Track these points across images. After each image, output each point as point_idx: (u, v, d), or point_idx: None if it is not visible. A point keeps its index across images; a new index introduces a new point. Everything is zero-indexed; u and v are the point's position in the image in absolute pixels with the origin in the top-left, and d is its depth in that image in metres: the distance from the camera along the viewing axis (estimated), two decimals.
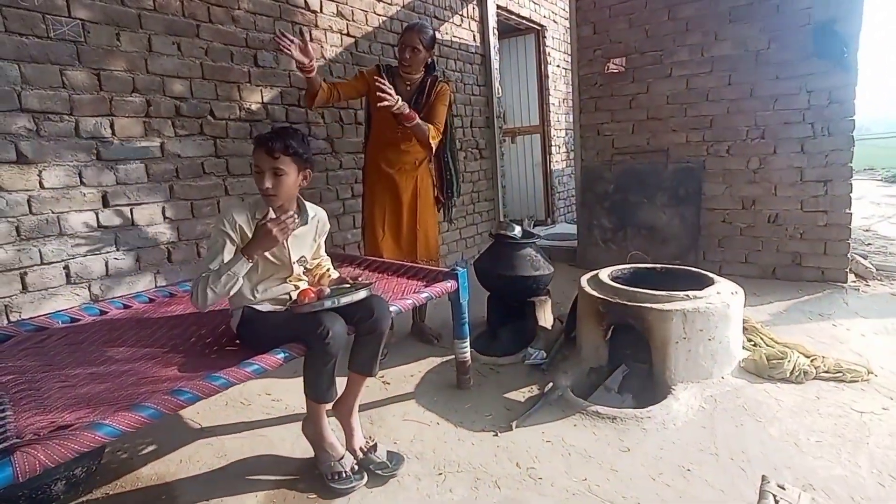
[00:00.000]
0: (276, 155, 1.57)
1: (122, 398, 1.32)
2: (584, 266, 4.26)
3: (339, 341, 1.56)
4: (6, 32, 1.77)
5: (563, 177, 6.03)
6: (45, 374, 1.48)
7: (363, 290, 1.67)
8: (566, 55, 5.95)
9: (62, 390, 1.37)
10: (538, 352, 2.56)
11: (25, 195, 1.86)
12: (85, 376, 1.47)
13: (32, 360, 1.58)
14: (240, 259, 1.55)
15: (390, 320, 1.76)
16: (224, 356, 1.66)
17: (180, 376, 1.45)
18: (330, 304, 1.61)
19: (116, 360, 1.59)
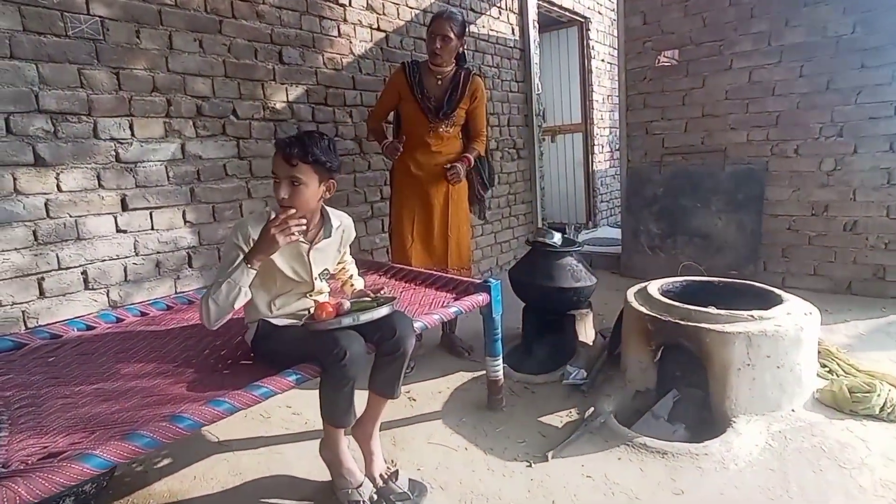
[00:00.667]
0: (293, 162, 1.45)
1: (122, 420, 1.25)
2: (628, 274, 4.05)
3: (357, 363, 1.45)
4: (24, 31, 1.75)
5: (606, 178, 5.79)
6: (49, 389, 1.43)
7: (385, 307, 1.56)
8: (612, 49, 5.71)
9: (63, 408, 1.32)
10: (578, 370, 2.39)
11: (43, 198, 1.84)
12: (89, 393, 1.41)
13: (41, 372, 1.54)
14: (241, 267, 1.44)
15: (414, 339, 1.64)
16: (236, 373, 1.58)
17: (186, 396, 1.38)
18: (348, 321, 1.51)
19: (124, 375, 1.54)
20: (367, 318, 1.52)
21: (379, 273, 2.46)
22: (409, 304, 2.07)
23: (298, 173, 1.47)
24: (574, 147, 5.55)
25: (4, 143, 1.74)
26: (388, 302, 1.60)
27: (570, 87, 5.46)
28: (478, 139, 2.67)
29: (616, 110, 5.82)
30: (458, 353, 2.74)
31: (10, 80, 1.73)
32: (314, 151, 1.47)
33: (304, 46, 2.63)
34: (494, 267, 4.11)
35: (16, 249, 1.78)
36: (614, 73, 5.76)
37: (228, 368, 1.63)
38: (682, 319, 1.94)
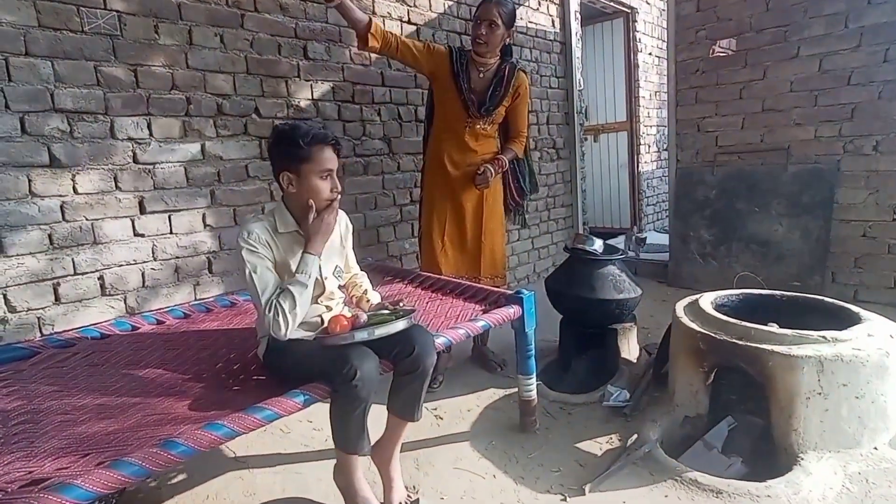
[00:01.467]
0: (340, 154, 1.52)
1: (117, 442, 1.18)
2: (676, 284, 3.81)
3: (369, 383, 1.35)
4: (39, 27, 1.73)
5: (652, 179, 5.52)
6: (52, 403, 1.39)
7: (402, 320, 1.45)
8: (661, 41, 5.44)
9: (61, 426, 1.26)
10: (620, 391, 2.22)
11: (59, 201, 1.81)
12: (91, 408, 1.36)
13: (47, 383, 1.50)
14: (305, 260, 1.45)
15: (435, 356, 1.52)
16: (246, 390, 1.51)
17: (187, 417, 1.30)
18: (362, 336, 1.40)
19: (130, 389, 1.48)
20: (382, 332, 1.41)
21: (404, 281, 2.35)
22: (434, 317, 1.95)
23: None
24: (618, 147, 5.31)
25: (19, 144, 1.72)
26: (407, 315, 1.49)
27: (615, 83, 5.23)
28: (517, 139, 2.53)
29: (664, 107, 5.55)
30: (490, 367, 2.60)
31: (25, 78, 1.71)
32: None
33: (331, 41, 2.55)
34: (531, 274, 3.95)
35: (31, 254, 1.76)
36: (663, 67, 5.49)
37: (239, 384, 1.56)
38: (740, 339, 1.74)
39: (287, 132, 1.45)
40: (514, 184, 2.72)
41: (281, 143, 1.45)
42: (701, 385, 1.89)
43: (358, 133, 2.71)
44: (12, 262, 1.72)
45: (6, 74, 1.68)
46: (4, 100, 1.68)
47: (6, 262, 1.71)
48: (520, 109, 2.50)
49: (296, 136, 1.42)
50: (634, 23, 5.01)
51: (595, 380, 2.39)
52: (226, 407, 1.35)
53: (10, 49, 1.68)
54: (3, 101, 1.68)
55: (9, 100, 1.69)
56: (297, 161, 1.44)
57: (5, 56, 1.67)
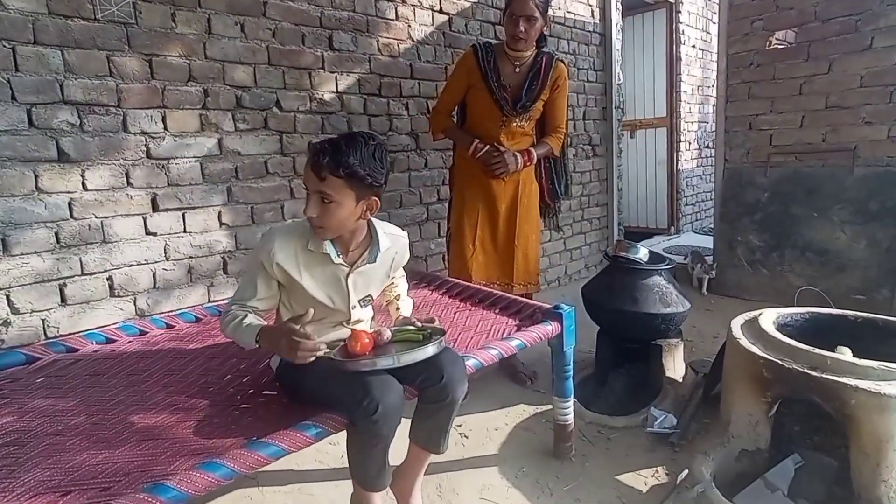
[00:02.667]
0: (322, 175, 1.18)
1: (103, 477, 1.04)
2: (721, 291, 3.53)
3: (392, 419, 1.18)
4: (49, 14, 1.60)
5: (692, 178, 5.20)
6: (43, 421, 1.26)
7: (431, 346, 1.27)
8: (705, 33, 5.10)
9: (46, 452, 1.13)
10: (665, 415, 1.99)
11: (67, 198, 1.69)
12: (83, 430, 1.23)
13: (43, 395, 1.38)
14: (250, 339, 1.25)
15: (465, 386, 1.34)
16: (255, 409, 1.35)
17: (185, 447, 1.16)
18: (387, 363, 1.22)
19: (129, 405, 1.35)
20: (409, 359, 1.23)
21: (431, 287, 2.18)
22: (463, 330, 1.77)
23: (328, 188, 1.19)
24: (657, 143, 5.01)
25: (26, 137, 1.59)
26: (437, 338, 1.30)
27: (655, 77, 4.92)
28: (554, 134, 2.32)
29: (706, 103, 5.22)
30: (520, 379, 2.40)
31: (33, 69, 1.59)
32: (349, 162, 1.17)
33: (357, 31, 2.37)
34: (563, 276, 3.72)
35: (36, 253, 1.64)
36: (707, 60, 5.15)
37: (248, 402, 1.41)
38: (813, 369, 1.50)
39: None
40: (548, 185, 2.52)
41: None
42: (762, 416, 1.66)
43: (384, 128, 2.54)
44: (16, 262, 1.61)
45: (13, 64, 1.55)
46: (11, 91, 1.55)
47: (10, 261, 1.60)
48: (558, 103, 2.29)
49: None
50: (678, 13, 4.69)
51: (636, 400, 2.18)
52: (230, 433, 1.21)
53: (18, 37, 1.55)
54: (10, 93, 1.55)
55: (15, 91, 1.56)
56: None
57: (12, 45, 1.55)
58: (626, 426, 2.03)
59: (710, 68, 5.18)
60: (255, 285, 1.30)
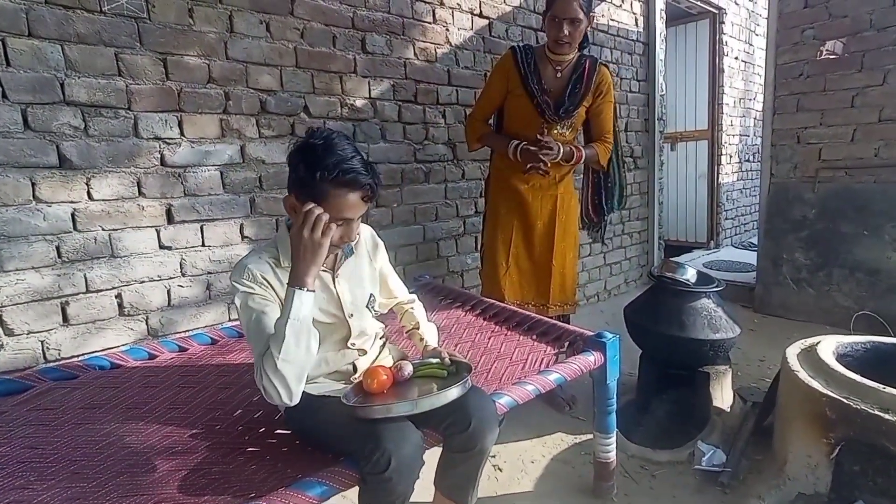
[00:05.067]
0: (374, 197, 1.00)
1: None
2: (764, 310, 3.06)
3: (408, 474, 0.86)
4: (46, 4, 1.31)
5: (732, 192, 4.60)
6: (16, 468, 0.97)
7: (455, 387, 0.93)
8: (748, 45, 4.52)
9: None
10: (713, 450, 1.61)
11: (69, 208, 1.39)
12: (60, 479, 0.95)
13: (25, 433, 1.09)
14: (293, 295, 0.90)
15: (496, 433, 1.01)
16: (263, 454, 1.04)
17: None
18: (404, 409, 0.91)
19: (121, 448, 1.05)
20: (429, 405, 0.91)
21: (463, 307, 1.78)
22: (497, 359, 1.39)
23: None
24: (697, 156, 4.45)
25: (21, 141, 1.30)
26: (463, 376, 0.97)
27: (696, 89, 4.37)
28: (601, 143, 1.90)
29: (748, 116, 4.63)
30: (558, 404, 2.00)
31: (27, 64, 1.29)
32: (379, 178, 1.01)
33: (392, 33, 2.01)
34: (602, 292, 3.25)
35: (34, 268, 1.35)
36: (749, 72, 4.57)
37: (256, 443, 1.08)
38: (885, 411, 1.12)
39: (313, 151, 0.92)
40: (594, 199, 2.10)
41: (300, 163, 0.93)
42: (823, 458, 1.29)
43: (420, 137, 2.16)
44: (10, 279, 1.31)
45: (3, 59, 1.26)
46: (1, 88, 1.26)
47: (3, 278, 1.31)
48: (603, 110, 1.88)
49: (318, 163, 0.90)
50: (721, 24, 4.14)
51: (681, 431, 1.79)
52: (225, 489, 0.91)
53: (9, 28, 1.26)
54: (0, 90, 1.26)
55: (6, 88, 1.27)
56: (307, 194, 0.93)
57: (2, 36, 1.26)
58: (670, 461, 1.65)
59: (753, 81, 4.60)
60: (267, 317, 0.95)
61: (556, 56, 1.79)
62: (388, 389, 1.02)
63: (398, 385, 1.04)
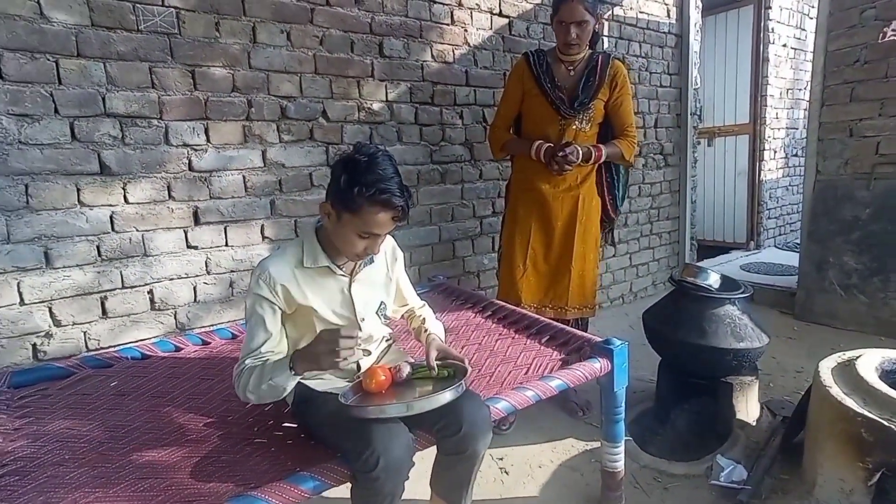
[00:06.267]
0: (405, 217, 1.14)
1: None
2: (806, 318, 3.02)
3: (396, 474, 0.99)
4: (92, 27, 1.53)
5: (776, 189, 4.57)
6: (54, 446, 1.18)
7: (449, 391, 1.05)
8: (800, 30, 4.47)
9: (45, 483, 1.04)
10: (734, 466, 1.67)
11: (108, 211, 1.62)
12: (90, 458, 1.13)
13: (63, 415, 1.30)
14: (284, 372, 1.06)
15: (489, 437, 1.14)
16: (269, 445, 1.20)
17: (177, 495, 1.01)
18: (397, 411, 1.04)
19: (143, 433, 1.24)
20: (422, 407, 1.04)
21: (475, 309, 1.93)
22: (503, 362, 1.53)
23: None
24: (737, 152, 4.45)
25: (68, 151, 1.54)
26: (457, 380, 1.09)
27: (737, 80, 4.36)
28: (624, 138, 2.01)
29: (797, 107, 4.57)
30: (571, 409, 2.11)
31: (76, 82, 1.52)
32: (411, 201, 1.15)
33: (410, 37, 2.18)
34: (627, 294, 3.34)
35: (78, 266, 1.58)
36: (799, 60, 4.51)
37: (263, 435, 1.25)
38: None
39: (356, 166, 1.07)
40: (609, 196, 2.20)
41: (342, 175, 1.08)
42: (859, 484, 1.33)
43: (436, 138, 2.32)
44: (58, 275, 1.55)
45: (56, 77, 1.49)
46: (54, 104, 1.50)
47: (52, 274, 1.54)
48: (621, 103, 1.99)
49: (358, 178, 1.05)
50: (768, 10, 4.11)
51: (700, 443, 1.85)
52: (229, 478, 1.07)
53: (61, 51, 1.50)
54: (53, 106, 1.50)
55: (58, 104, 1.51)
56: (343, 206, 1.08)
57: (56, 58, 1.49)
58: (686, 474, 1.71)
59: (804, 69, 4.54)
60: (264, 326, 1.13)
61: (567, 56, 1.93)
62: (386, 390, 1.13)
63: (396, 386, 1.17)
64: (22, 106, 1.46)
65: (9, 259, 1.48)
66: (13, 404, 1.31)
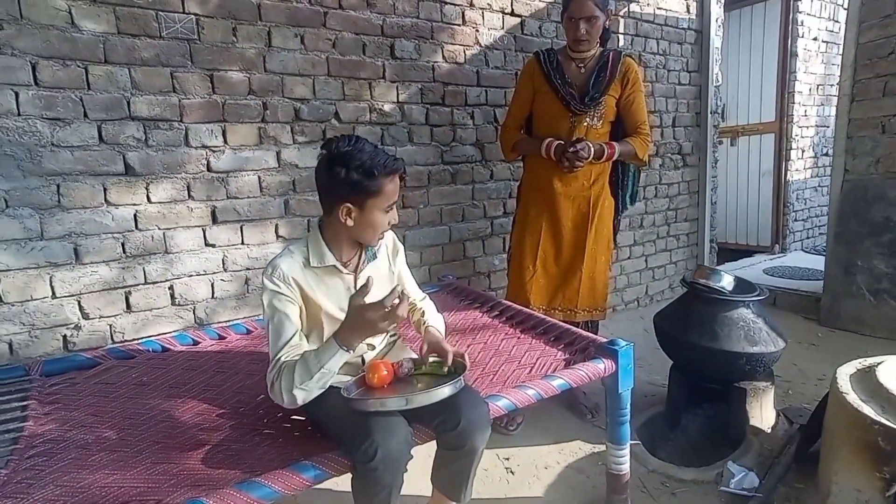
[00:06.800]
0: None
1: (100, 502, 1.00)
2: (831, 324, 2.99)
3: (394, 466, 1.06)
4: (118, 34, 1.65)
5: (804, 190, 4.52)
6: (78, 432, 1.28)
7: (447, 387, 1.12)
8: (833, 23, 4.41)
9: (70, 465, 1.14)
10: (745, 473, 1.68)
11: (132, 210, 1.74)
12: (110, 444, 1.24)
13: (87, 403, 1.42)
14: (336, 351, 1.09)
15: (487, 433, 1.19)
16: (277, 436, 1.29)
17: (191, 474, 1.11)
18: (397, 404, 1.10)
19: (160, 421, 1.34)
20: (421, 401, 1.10)
21: (483, 309, 2.00)
22: (507, 361, 1.60)
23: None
24: (762, 151, 4.41)
25: (96, 153, 1.66)
26: (453, 380, 1.15)
27: (763, 77, 4.32)
28: (637, 136, 2.04)
29: (828, 104, 4.50)
30: (580, 411, 2.16)
31: (103, 87, 1.65)
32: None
33: (421, 38, 2.26)
34: (643, 297, 3.37)
35: (104, 262, 1.71)
36: (832, 54, 4.44)
37: (272, 426, 1.35)
38: None
39: (356, 157, 1.13)
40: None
41: (350, 170, 1.13)
42: (875, 495, 1.33)
43: (447, 139, 2.40)
44: (86, 270, 1.68)
45: (85, 83, 1.62)
46: (83, 109, 1.63)
47: (81, 269, 1.67)
48: (633, 99, 2.02)
49: (368, 164, 1.13)
50: (797, 2, 4.07)
51: (711, 449, 1.87)
52: (237, 465, 1.16)
53: (90, 57, 1.62)
54: (82, 111, 1.63)
55: (87, 109, 1.63)
56: (365, 194, 1.16)
57: (85, 65, 1.62)
58: (695, 480, 1.73)
59: (836, 63, 4.45)
60: (289, 319, 1.18)
61: (577, 54, 1.98)
62: (387, 384, 1.18)
63: (398, 381, 1.23)
64: (54, 110, 1.59)
65: (42, 255, 1.61)
66: (44, 391, 1.43)
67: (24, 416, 1.30)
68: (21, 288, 1.59)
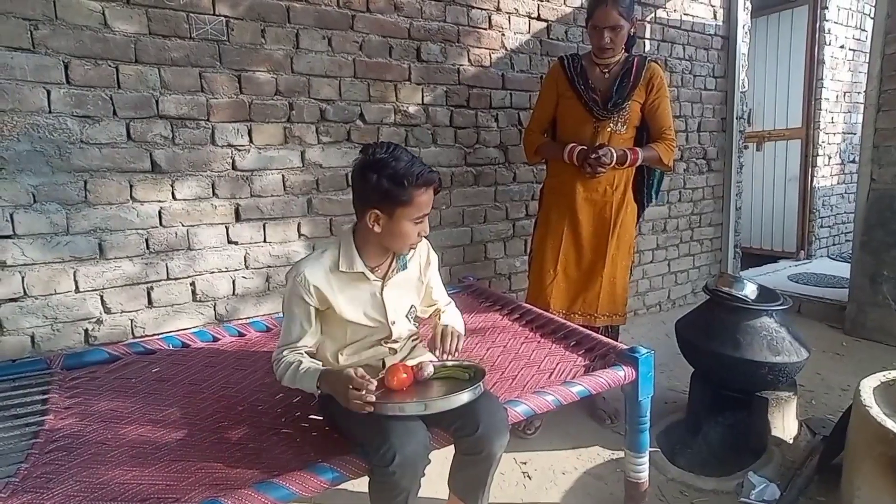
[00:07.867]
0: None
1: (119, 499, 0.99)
2: (856, 333, 2.89)
3: (412, 470, 1.02)
4: (150, 35, 1.64)
5: (830, 196, 4.36)
6: (98, 427, 1.27)
7: (466, 392, 1.08)
8: (859, 31, 4.26)
9: (89, 461, 1.13)
10: (766, 484, 1.63)
11: (157, 207, 1.73)
12: (127, 442, 1.22)
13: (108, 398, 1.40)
14: (311, 386, 1.15)
15: (506, 439, 1.15)
16: (294, 436, 1.26)
17: (208, 474, 1.08)
18: (415, 409, 1.07)
19: (179, 418, 1.33)
20: (439, 406, 1.07)
21: (503, 311, 1.95)
22: (527, 366, 1.55)
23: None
24: (788, 157, 4.26)
25: (124, 150, 1.65)
26: (475, 382, 1.12)
27: (790, 83, 4.18)
28: (662, 140, 1.97)
29: (855, 111, 4.35)
30: (599, 417, 2.09)
31: (133, 86, 1.63)
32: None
33: (447, 41, 2.22)
34: (665, 301, 3.26)
35: (128, 257, 1.70)
36: (859, 62, 4.29)
37: (290, 426, 1.31)
38: None
39: (389, 165, 1.10)
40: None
41: (381, 177, 1.10)
42: None
43: (471, 141, 2.35)
44: (110, 265, 1.67)
45: (116, 82, 1.61)
46: (113, 107, 1.62)
47: (105, 264, 1.66)
48: (658, 104, 1.95)
49: (400, 173, 1.10)
50: (824, 10, 3.93)
51: (731, 458, 1.80)
52: (255, 464, 1.12)
53: (121, 57, 1.61)
54: (112, 109, 1.62)
55: (117, 107, 1.62)
56: (394, 203, 1.12)
57: (116, 64, 1.61)
58: (715, 490, 1.66)
59: (863, 71, 4.29)
60: (299, 323, 1.20)
61: (601, 61, 1.92)
62: (407, 388, 1.14)
63: (418, 384, 1.19)
64: (84, 108, 1.58)
65: (67, 249, 1.60)
66: (65, 384, 1.42)
67: (45, 409, 1.29)
68: (45, 282, 1.58)
